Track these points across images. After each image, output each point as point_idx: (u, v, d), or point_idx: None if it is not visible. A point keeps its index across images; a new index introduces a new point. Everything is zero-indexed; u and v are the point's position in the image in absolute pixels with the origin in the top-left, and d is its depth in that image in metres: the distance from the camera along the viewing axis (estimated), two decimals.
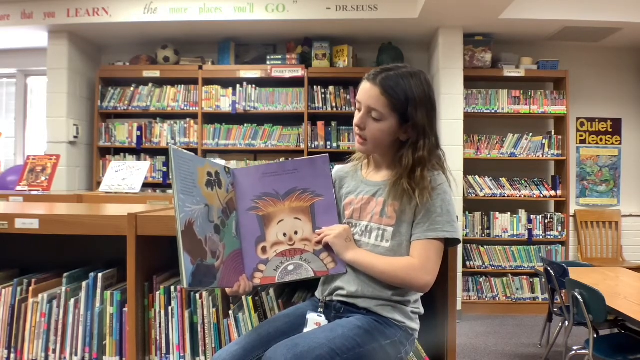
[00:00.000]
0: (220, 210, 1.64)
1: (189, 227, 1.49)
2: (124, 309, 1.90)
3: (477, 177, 5.64)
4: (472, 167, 5.61)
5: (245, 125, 5.65)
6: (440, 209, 1.63)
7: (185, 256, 1.44)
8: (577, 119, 5.95)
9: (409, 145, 1.67)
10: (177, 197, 1.47)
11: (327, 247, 1.71)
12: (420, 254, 1.62)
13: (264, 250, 1.69)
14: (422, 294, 1.74)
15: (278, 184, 1.74)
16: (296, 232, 1.72)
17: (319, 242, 1.71)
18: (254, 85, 5.64)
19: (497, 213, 5.61)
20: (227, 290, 1.63)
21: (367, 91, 1.67)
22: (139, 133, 5.73)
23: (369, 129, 1.68)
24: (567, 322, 3.67)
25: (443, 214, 1.62)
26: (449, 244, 1.68)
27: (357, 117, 1.70)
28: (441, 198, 1.64)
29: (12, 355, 1.94)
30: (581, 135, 5.98)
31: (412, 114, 1.64)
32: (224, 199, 1.67)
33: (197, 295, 1.90)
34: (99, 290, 1.93)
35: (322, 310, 1.74)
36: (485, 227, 5.62)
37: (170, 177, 1.50)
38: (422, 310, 1.75)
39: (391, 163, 1.74)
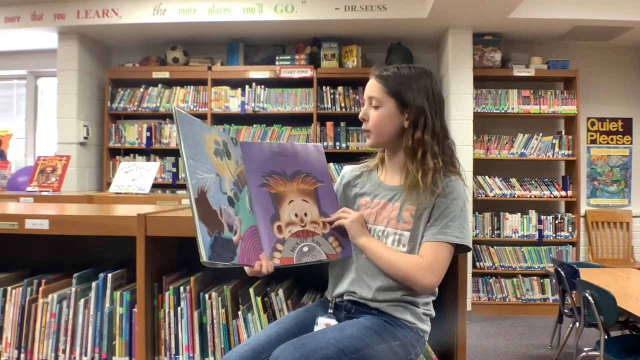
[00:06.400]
0: (232, 182, 1.58)
1: (202, 195, 1.41)
2: (134, 310, 1.90)
3: (487, 177, 5.61)
4: (481, 167, 5.58)
5: (254, 125, 5.64)
6: (454, 214, 1.64)
7: (202, 226, 1.37)
8: (588, 118, 5.91)
9: (409, 127, 1.70)
10: (186, 162, 1.40)
11: (335, 231, 1.74)
12: (428, 255, 1.62)
13: (279, 229, 1.65)
14: (434, 297, 1.76)
15: (284, 164, 1.76)
16: (306, 214, 1.72)
17: (330, 224, 1.73)
18: (262, 86, 5.64)
19: (507, 213, 5.58)
20: (247, 269, 1.58)
21: (368, 85, 1.77)
22: (148, 134, 5.75)
23: (371, 118, 1.74)
24: (577, 323, 3.66)
25: (455, 219, 1.63)
26: (458, 250, 1.69)
27: (362, 111, 1.78)
28: (455, 203, 1.65)
29: (22, 355, 1.95)
30: (592, 135, 5.94)
31: (408, 97, 1.68)
32: (234, 170, 1.62)
33: (207, 295, 1.89)
34: (108, 291, 1.94)
35: (332, 310, 1.74)
36: (495, 227, 5.59)
37: (177, 141, 1.44)
38: (433, 313, 1.75)
39: (404, 165, 1.74)
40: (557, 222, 5.56)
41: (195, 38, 5.78)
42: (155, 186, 5.19)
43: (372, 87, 1.74)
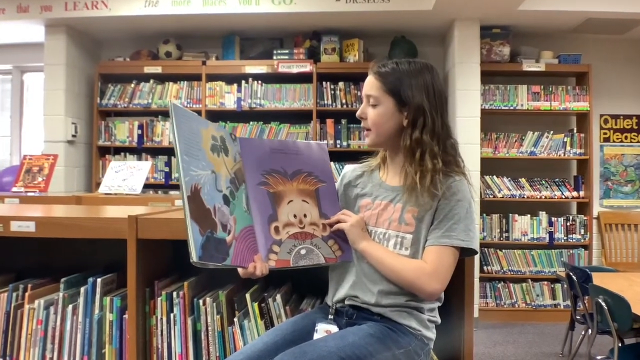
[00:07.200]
0: (228, 180, 1.57)
1: (196, 193, 1.42)
2: (124, 316, 1.90)
3: (495, 177, 5.55)
4: (489, 166, 5.51)
5: (251, 123, 5.61)
6: (458, 216, 1.63)
7: (193, 225, 1.37)
8: (601, 115, 5.85)
9: (407, 126, 1.69)
10: (180, 158, 1.41)
11: (335, 234, 1.72)
12: (432, 260, 1.61)
13: (276, 230, 1.64)
14: (439, 303, 1.75)
15: (285, 162, 1.74)
16: (305, 215, 1.71)
17: (330, 227, 1.72)
18: (259, 81, 5.59)
19: (516, 215, 5.53)
20: (241, 271, 1.55)
21: (366, 82, 1.76)
22: (140, 132, 5.70)
23: (369, 116, 1.73)
24: (590, 331, 3.64)
25: (460, 221, 1.63)
26: (464, 253, 1.68)
27: (359, 108, 1.78)
28: (460, 205, 1.64)
29: None
30: (605, 133, 5.88)
31: (407, 94, 1.67)
32: (231, 167, 1.61)
33: (201, 301, 1.89)
34: (97, 296, 1.93)
35: (332, 317, 1.73)
36: (504, 230, 5.54)
37: (172, 136, 1.43)
38: (438, 320, 1.74)
39: (404, 165, 1.73)
40: (568, 224, 5.51)
41: (189, 31, 5.73)
42: (146, 186, 5.14)
43: (370, 85, 1.74)
